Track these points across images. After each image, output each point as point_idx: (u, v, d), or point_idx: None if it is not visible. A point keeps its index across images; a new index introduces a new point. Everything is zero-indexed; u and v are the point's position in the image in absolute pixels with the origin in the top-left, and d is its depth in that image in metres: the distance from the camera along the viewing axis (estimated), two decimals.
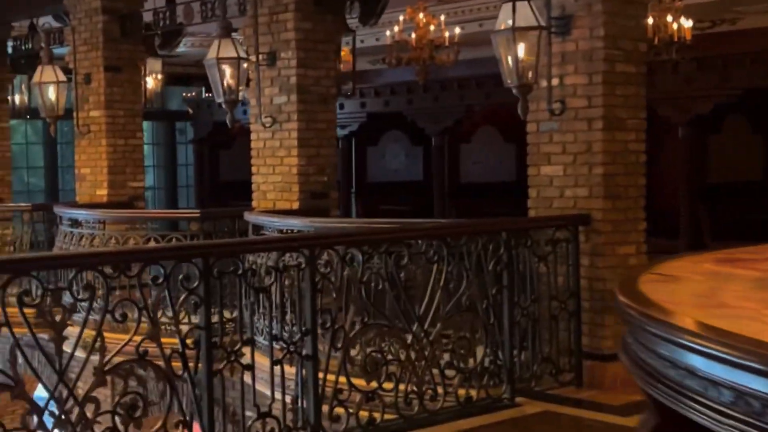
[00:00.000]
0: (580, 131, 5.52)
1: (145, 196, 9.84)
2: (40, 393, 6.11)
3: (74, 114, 9.51)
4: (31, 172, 17.05)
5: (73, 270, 3.76)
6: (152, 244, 7.57)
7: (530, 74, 5.20)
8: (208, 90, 17.66)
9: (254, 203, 7.71)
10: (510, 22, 5.11)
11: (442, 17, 9.80)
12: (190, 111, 17.06)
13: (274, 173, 7.58)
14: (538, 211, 5.68)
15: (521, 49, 5.16)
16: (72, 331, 3.81)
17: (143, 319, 3.90)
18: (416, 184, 14.38)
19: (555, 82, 5.57)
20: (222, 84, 7.11)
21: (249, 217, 6.94)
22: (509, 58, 5.19)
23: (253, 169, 7.78)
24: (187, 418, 4.04)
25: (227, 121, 7.36)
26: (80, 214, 8.23)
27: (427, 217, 11.33)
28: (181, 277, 4.06)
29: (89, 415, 3.74)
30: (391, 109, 13.26)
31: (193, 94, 17.02)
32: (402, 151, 14.80)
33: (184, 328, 4.07)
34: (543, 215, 5.61)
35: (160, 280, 3.93)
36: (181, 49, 11.74)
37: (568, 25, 5.49)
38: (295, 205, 7.39)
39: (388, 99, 13.25)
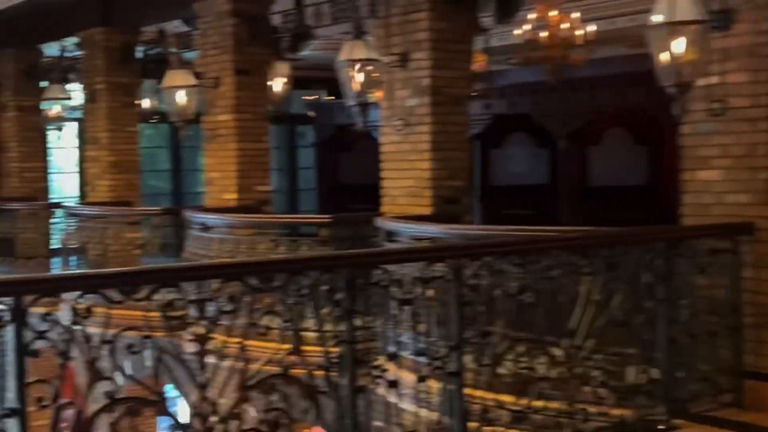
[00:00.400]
0: (742, 133, 5.12)
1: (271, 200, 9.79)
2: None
3: (202, 118, 9.53)
4: (154, 176, 17.35)
5: (217, 280, 3.62)
6: (282, 249, 7.49)
7: (689, 72, 4.84)
8: (330, 93, 17.71)
9: (384, 208, 7.52)
10: (666, 16, 4.76)
11: (575, 15, 9.41)
12: (312, 114, 17.07)
13: (405, 178, 7.37)
14: (694, 219, 5.30)
15: (679, 45, 4.80)
16: (213, 344, 3.67)
17: (287, 332, 3.74)
18: (541, 188, 13.98)
19: (714, 80, 5.18)
20: (353, 86, 6.96)
21: (382, 223, 6.75)
22: (665, 55, 4.83)
23: (383, 174, 7.59)
24: None
25: (357, 124, 7.18)
26: (211, 218, 8.20)
27: (552, 223, 10.97)
28: (326, 288, 3.88)
29: None
30: (517, 110, 12.92)
31: (315, 97, 17.04)
32: (526, 154, 14.42)
33: (328, 342, 3.89)
34: (701, 224, 5.22)
35: (305, 291, 3.77)
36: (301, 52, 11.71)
37: (729, 19, 5.10)
38: (427, 211, 7.16)
39: (514, 100, 12.92)
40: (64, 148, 15.90)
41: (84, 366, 3.30)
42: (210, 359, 3.59)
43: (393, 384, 4.05)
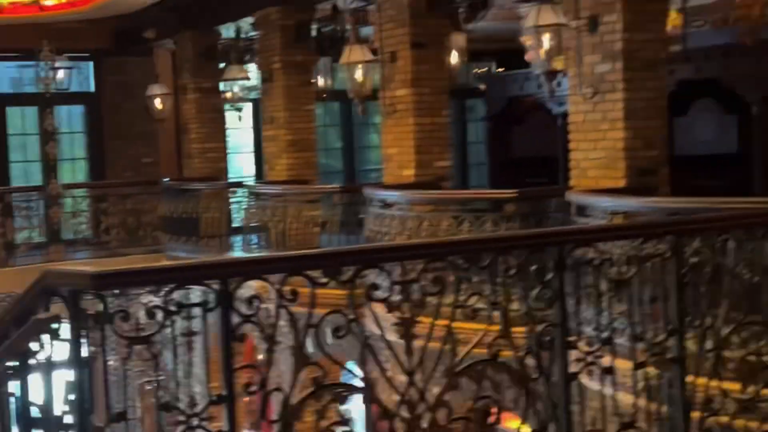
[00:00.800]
0: None
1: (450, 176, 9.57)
2: None
3: (380, 94, 9.41)
4: (326, 154, 17.48)
5: (420, 261, 3.42)
6: (466, 226, 7.26)
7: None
8: (500, 65, 17.33)
9: (573, 182, 7.16)
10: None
11: None
12: (482, 87, 16.73)
13: (596, 149, 6.98)
14: None
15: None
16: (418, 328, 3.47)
17: (495, 315, 3.50)
18: (729, 158, 13.14)
19: None
20: (540, 53, 6.64)
21: (572, 197, 6.41)
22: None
23: (571, 145, 7.23)
24: (542, 428, 3.60)
25: (545, 92, 6.87)
26: (392, 195, 8.07)
27: (746, 195, 10.26)
28: (533, 268, 3.61)
29: (441, 421, 3.39)
30: (704, 75, 12.14)
31: (485, 69, 16.69)
32: (713, 122, 13.58)
33: (537, 327, 3.62)
34: None
35: (512, 272, 3.51)
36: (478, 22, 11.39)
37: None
38: (621, 183, 6.76)
39: (700, 64, 12.13)
40: (239, 128, 16.26)
41: (290, 351, 3.17)
42: (415, 343, 3.40)
43: (608, 371, 3.75)
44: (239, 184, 12.06)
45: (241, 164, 16.49)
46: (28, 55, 12.68)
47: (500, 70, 16.92)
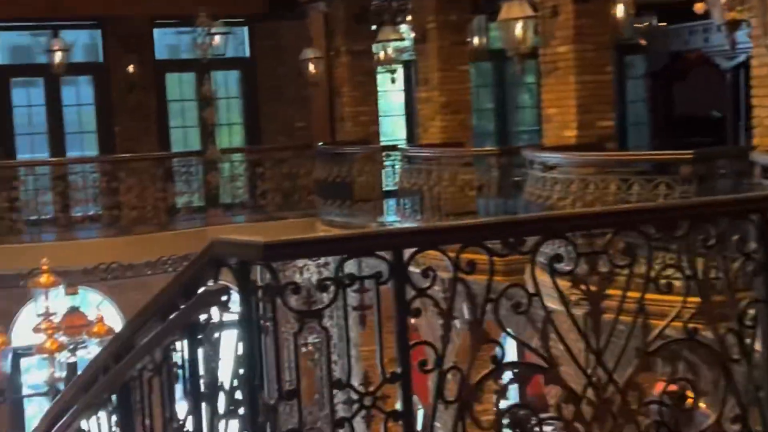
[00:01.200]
0: None
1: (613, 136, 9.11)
2: None
3: (539, 51, 9.01)
4: (478, 115, 17.11)
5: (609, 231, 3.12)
6: (636, 189, 6.85)
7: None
8: (661, 19, 16.48)
9: (756, 141, 6.61)
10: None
11: None
12: (643, 42, 15.96)
13: None
14: None
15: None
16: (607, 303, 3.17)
17: (691, 289, 3.17)
18: None
19: None
20: (719, 3, 6.12)
21: (758, 157, 5.90)
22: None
23: (754, 101, 6.67)
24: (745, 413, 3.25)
25: (719, 45, 6.34)
26: (554, 157, 7.71)
27: None
28: (735, 237, 3.24)
29: (632, 404, 3.10)
30: None
31: (646, 24, 15.89)
32: None
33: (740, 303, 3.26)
34: None
35: (711, 242, 3.16)
36: None
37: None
38: None
39: None
40: (389, 90, 16.11)
41: (468, 327, 2.94)
42: (603, 319, 3.11)
43: None
44: (393, 147, 11.92)
45: (392, 127, 16.37)
46: (186, 21, 12.89)
47: (661, 24, 16.08)
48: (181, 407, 3.25)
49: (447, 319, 2.93)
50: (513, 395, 3.12)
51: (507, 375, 3.03)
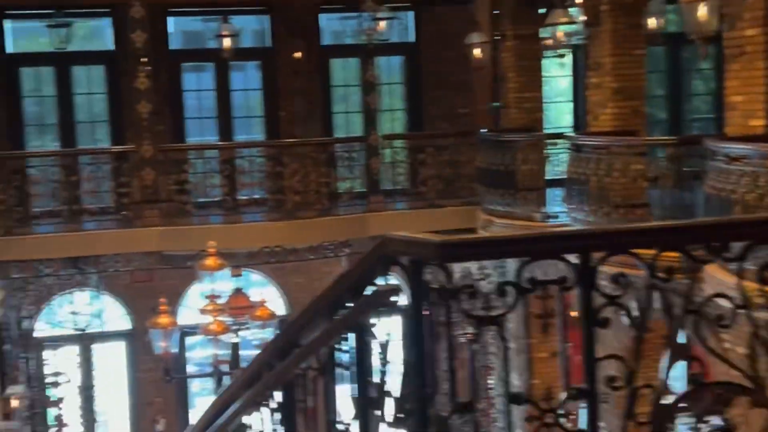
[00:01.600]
0: None
1: None
2: None
3: (724, 35, 8.41)
4: (648, 102, 16.34)
5: None
6: None
7: None
8: None
9: None
10: None
11: None
12: None
13: None
14: None
15: None
16: None
17: None
18: None
19: None
20: None
21: None
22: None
23: None
24: None
25: None
26: (737, 148, 7.15)
27: None
28: None
29: None
30: None
31: None
32: None
33: None
34: None
35: None
36: None
37: None
38: None
39: None
40: (555, 76, 15.62)
41: (666, 341, 2.63)
42: None
43: None
44: (560, 135, 11.48)
45: (556, 114, 15.88)
46: (351, 6, 12.84)
47: None
48: (345, 409, 3.09)
49: (640, 331, 2.62)
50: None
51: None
